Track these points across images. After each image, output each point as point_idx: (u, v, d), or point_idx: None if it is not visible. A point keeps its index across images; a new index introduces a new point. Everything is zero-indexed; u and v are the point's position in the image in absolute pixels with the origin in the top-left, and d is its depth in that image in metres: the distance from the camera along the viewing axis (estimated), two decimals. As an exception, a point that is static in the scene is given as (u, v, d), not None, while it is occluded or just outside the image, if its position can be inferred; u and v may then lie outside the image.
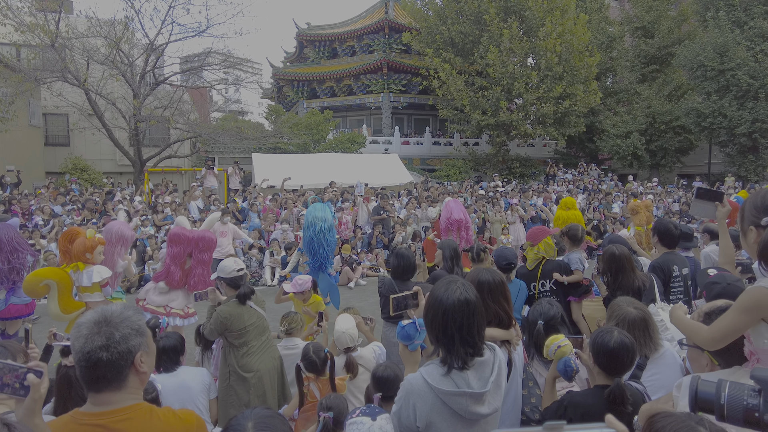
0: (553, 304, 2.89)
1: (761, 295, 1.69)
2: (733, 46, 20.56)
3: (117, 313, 1.45)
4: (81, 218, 11.32)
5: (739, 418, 0.98)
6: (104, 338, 1.40)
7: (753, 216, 1.79)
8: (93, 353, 1.38)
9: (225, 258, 9.25)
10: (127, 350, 1.43)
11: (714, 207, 2.70)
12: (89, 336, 1.40)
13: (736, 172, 21.27)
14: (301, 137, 22.30)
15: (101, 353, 1.39)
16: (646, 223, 7.29)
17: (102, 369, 1.40)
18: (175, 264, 5.14)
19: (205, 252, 5.24)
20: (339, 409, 2.42)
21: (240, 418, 1.36)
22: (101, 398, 1.43)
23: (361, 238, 11.98)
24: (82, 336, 1.40)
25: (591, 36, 23.80)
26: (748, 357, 1.79)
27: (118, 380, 1.43)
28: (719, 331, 1.78)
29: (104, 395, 1.43)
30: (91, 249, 4.66)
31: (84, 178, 19.88)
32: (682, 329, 1.95)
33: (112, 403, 1.43)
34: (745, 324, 1.73)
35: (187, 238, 5.17)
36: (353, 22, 31.07)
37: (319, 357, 3.10)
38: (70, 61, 15.74)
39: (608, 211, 14.64)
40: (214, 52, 19.64)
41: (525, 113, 22.89)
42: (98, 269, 4.70)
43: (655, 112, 24.10)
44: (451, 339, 1.73)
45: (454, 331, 1.72)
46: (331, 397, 2.49)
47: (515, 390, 2.56)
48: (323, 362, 3.10)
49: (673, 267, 3.84)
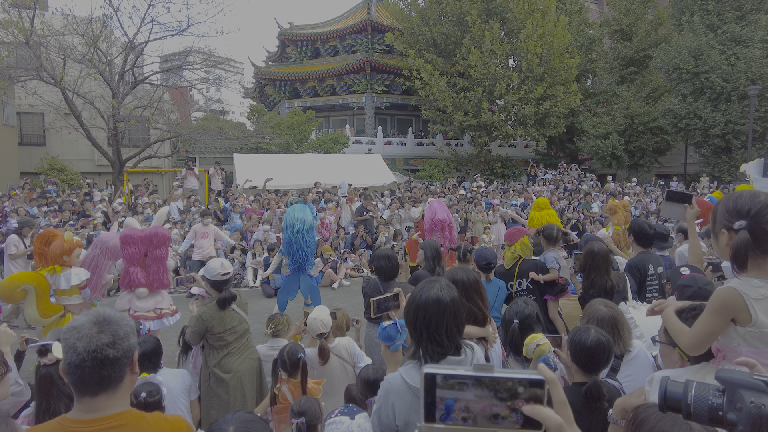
0: (528, 303, 2.94)
1: (730, 295, 1.74)
2: (707, 49, 21.10)
3: (112, 313, 1.45)
4: (58, 220, 11.09)
5: (705, 416, 1.02)
6: (110, 336, 1.38)
7: (725, 219, 1.80)
8: (100, 351, 1.36)
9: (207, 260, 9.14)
10: (129, 348, 1.43)
11: (683, 209, 2.84)
12: (93, 335, 1.37)
13: (710, 172, 21.83)
14: (284, 137, 22.16)
15: (108, 351, 1.37)
16: (624, 223, 7.42)
17: (108, 368, 1.37)
18: (133, 265, 5.09)
19: (159, 248, 5.19)
20: (312, 414, 2.42)
21: (221, 423, 1.36)
22: (95, 403, 1.39)
23: (344, 239, 11.97)
24: (84, 336, 1.36)
25: (571, 38, 24.18)
26: (715, 354, 1.85)
27: (118, 380, 1.41)
28: (696, 336, 1.81)
29: (100, 399, 1.39)
30: (69, 252, 4.59)
31: (61, 179, 19.46)
32: (670, 328, 1.97)
33: (103, 409, 1.39)
34: (719, 325, 1.77)
35: (139, 237, 5.11)
36: (336, 22, 31.01)
37: (291, 359, 3.09)
38: (46, 59, 15.38)
39: (588, 210, 14.89)
40: (195, 51, 19.39)
41: (506, 114, 23.14)
42: (76, 271, 4.63)
43: (634, 113, 24.59)
44: (419, 335, 1.75)
45: (422, 328, 1.74)
46: (302, 402, 2.48)
47: None
48: (293, 364, 3.08)
49: (649, 266, 3.94)
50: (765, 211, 1.70)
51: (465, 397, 0.84)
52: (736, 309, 1.74)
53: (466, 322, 2.47)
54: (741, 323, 1.74)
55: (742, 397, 0.98)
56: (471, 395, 0.84)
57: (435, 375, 0.85)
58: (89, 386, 1.37)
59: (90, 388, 1.37)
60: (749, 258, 1.73)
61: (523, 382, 0.83)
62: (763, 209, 1.70)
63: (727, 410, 0.99)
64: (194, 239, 9.32)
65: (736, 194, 1.81)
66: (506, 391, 0.83)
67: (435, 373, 0.85)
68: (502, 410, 0.84)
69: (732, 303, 1.74)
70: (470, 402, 0.84)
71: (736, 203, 1.78)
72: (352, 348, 3.59)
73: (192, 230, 9.48)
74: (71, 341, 1.36)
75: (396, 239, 11.44)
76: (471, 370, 0.84)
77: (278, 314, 4.03)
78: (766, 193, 1.77)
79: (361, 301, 4.33)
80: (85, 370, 1.35)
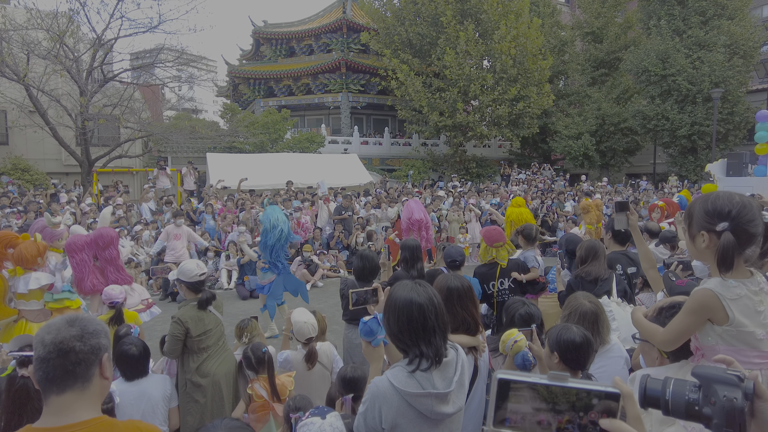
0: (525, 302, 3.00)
1: (706, 296, 1.78)
2: (674, 53, 21.75)
3: (85, 315, 1.48)
4: (22, 221, 10.68)
5: (682, 411, 1.05)
6: (78, 329, 1.41)
7: (705, 221, 1.79)
8: (66, 342, 1.37)
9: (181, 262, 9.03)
10: (98, 345, 1.43)
11: (626, 217, 2.96)
12: (62, 329, 1.39)
13: (678, 172, 22.50)
14: (258, 136, 21.89)
15: (75, 342, 1.38)
16: (597, 222, 7.59)
17: (72, 360, 1.37)
18: (81, 272, 5.00)
19: (107, 249, 5.09)
20: (308, 409, 2.40)
21: (210, 428, 1.37)
22: (62, 401, 1.37)
23: (320, 239, 11.90)
24: (53, 330, 1.39)
25: (544, 40, 24.58)
26: (694, 352, 1.91)
27: (84, 378, 1.40)
28: (672, 333, 1.87)
29: (67, 396, 1.37)
30: (43, 254, 4.44)
31: (25, 179, 18.77)
32: (641, 331, 2.03)
33: (72, 413, 1.37)
34: (694, 324, 1.82)
35: (84, 242, 5.02)
36: (311, 21, 30.79)
37: (255, 355, 3.06)
38: (8, 55, 14.82)
39: (561, 209, 15.16)
40: (167, 48, 18.99)
41: (481, 115, 23.38)
42: (36, 276, 4.45)
43: (605, 114, 25.17)
44: (409, 338, 1.76)
45: (410, 332, 1.75)
46: (297, 398, 2.47)
47: (480, 395, 2.60)
48: (259, 360, 3.06)
49: (617, 265, 4.03)
50: (744, 211, 1.73)
51: (535, 405, 0.83)
52: (712, 309, 1.78)
53: (459, 332, 2.48)
54: (718, 322, 1.79)
55: (716, 391, 1.01)
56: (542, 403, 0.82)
57: (509, 381, 0.84)
58: (54, 381, 1.36)
59: (55, 383, 1.36)
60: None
61: (600, 394, 0.82)
62: (742, 210, 1.73)
63: (703, 405, 1.02)
64: (167, 241, 9.12)
65: (712, 196, 1.82)
66: (580, 401, 0.82)
67: (509, 379, 0.84)
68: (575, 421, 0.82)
69: (708, 303, 1.78)
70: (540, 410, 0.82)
71: (716, 205, 1.77)
72: (332, 353, 3.55)
73: (164, 231, 9.28)
74: (41, 336, 1.39)
75: (371, 239, 11.42)
76: (547, 378, 0.83)
77: (246, 320, 3.96)
78: (739, 193, 1.81)
79: (338, 302, 4.29)
80: (50, 362, 1.35)
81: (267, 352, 3.09)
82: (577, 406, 0.82)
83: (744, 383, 1.02)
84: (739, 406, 0.98)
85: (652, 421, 1.67)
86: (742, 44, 21.65)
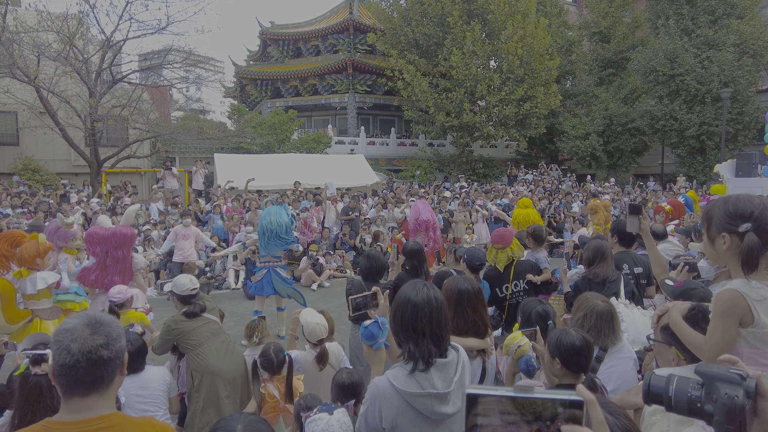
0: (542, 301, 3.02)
1: (733, 297, 1.76)
2: (682, 52, 21.60)
3: (102, 315, 1.48)
4: (33, 221, 10.79)
5: (684, 408, 1.07)
6: (104, 336, 1.41)
7: (726, 223, 1.78)
8: (94, 352, 1.38)
9: (186, 263, 9.01)
10: (121, 349, 1.46)
11: (638, 220, 2.94)
12: (86, 336, 1.39)
13: (686, 172, 22.34)
14: (265, 137, 21.97)
15: (103, 351, 1.40)
16: (605, 223, 7.56)
17: (102, 368, 1.40)
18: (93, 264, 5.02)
19: (120, 249, 5.06)
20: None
21: (230, 420, 1.40)
22: (85, 403, 1.40)
23: (328, 239, 11.94)
24: (78, 338, 1.38)
25: (551, 40, 24.50)
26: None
27: (110, 381, 1.43)
28: (717, 346, 1.77)
29: (90, 399, 1.40)
30: (44, 254, 4.46)
31: (36, 179, 18.98)
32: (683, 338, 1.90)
33: (91, 410, 1.40)
34: (732, 328, 1.76)
35: (102, 235, 5.01)
36: (317, 22, 30.88)
37: (278, 357, 3.11)
38: (19, 57, 14.98)
39: (568, 210, 15.10)
40: (175, 49, 19.10)
41: (487, 115, 23.34)
42: (42, 275, 4.48)
43: (612, 114, 25.03)
44: (407, 338, 1.79)
45: (411, 331, 1.78)
46: (308, 398, 2.49)
47: None
48: (280, 363, 3.10)
49: (623, 265, 4.02)
50: (766, 213, 1.73)
51: (503, 418, 0.84)
52: (741, 310, 1.76)
53: (469, 334, 2.49)
54: (744, 324, 1.77)
55: (718, 389, 1.03)
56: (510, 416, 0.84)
57: (477, 396, 0.84)
58: (81, 387, 1.39)
59: (81, 388, 1.39)
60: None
61: (564, 402, 0.84)
62: (764, 211, 1.73)
63: (705, 402, 1.04)
64: (175, 241, 9.19)
65: (732, 198, 1.81)
66: (546, 411, 0.84)
67: (477, 393, 0.85)
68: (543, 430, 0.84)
69: (736, 303, 1.76)
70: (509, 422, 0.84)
71: (737, 207, 1.77)
72: (340, 354, 3.57)
73: (172, 232, 9.34)
74: (65, 343, 1.38)
75: (378, 240, 11.44)
76: (512, 390, 0.84)
77: (254, 321, 4.00)
78: (758, 195, 1.81)
79: (344, 302, 4.31)
80: (79, 371, 1.37)
81: (288, 355, 3.13)
82: (543, 416, 0.83)
83: (746, 382, 1.03)
84: (740, 404, 1.00)
85: (669, 421, 1.64)
86: (752, 43, 21.46)
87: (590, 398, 0.88)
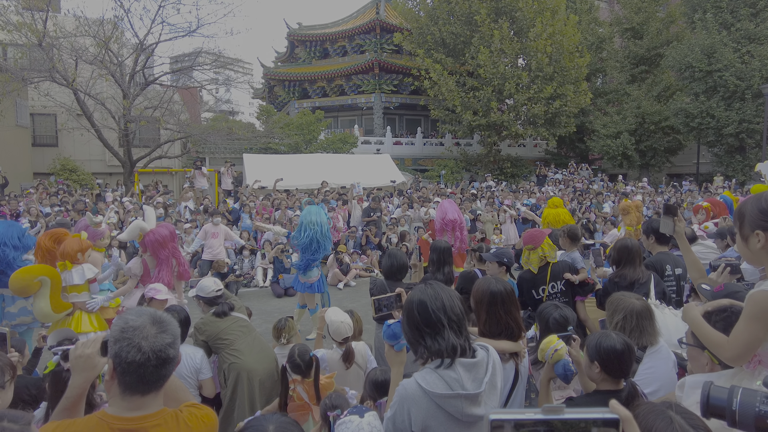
0: (559, 306, 2.92)
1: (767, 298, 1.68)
2: (721, 47, 20.81)
3: (163, 314, 1.50)
4: (69, 220, 11.17)
5: (751, 424, 0.98)
6: (171, 335, 1.44)
7: (761, 220, 1.71)
8: (164, 350, 1.41)
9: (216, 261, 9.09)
10: (179, 348, 1.49)
11: (672, 221, 2.81)
12: (155, 335, 1.41)
13: (724, 171, 21.53)
14: (293, 137, 22.21)
15: (170, 350, 1.43)
16: (637, 224, 7.34)
17: (167, 367, 1.43)
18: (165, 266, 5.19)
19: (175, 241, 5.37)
20: (345, 407, 2.41)
21: (262, 420, 1.41)
22: (143, 401, 1.42)
23: (354, 238, 11.97)
24: (148, 336, 1.40)
25: (581, 37, 23.98)
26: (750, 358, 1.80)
27: (167, 379, 1.47)
28: (740, 347, 1.70)
29: (149, 397, 1.43)
30: (84, 250, 4.64)
31: (73, 179, 19.67)
32: (702, 338, 1.84)
33: (147, 407, 1.43)
34: (762, 331, 1.68)
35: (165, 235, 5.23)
36: (344, 23, 31.03)
37: (304, 360, 3.11)
38: (58, 61, 15.54)
39: (599, 210, 14.75)
40: (205, 52, 19.50)
41: (516, 114, 23.01)
42: (88, 266, 4.67)
43: (645, 112, 24.33)
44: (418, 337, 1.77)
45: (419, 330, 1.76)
46: (333, 396, 2.48)
47: (519, 401, 2.54)
48: (308, 365, 3.10)
49: (666, 266, 3.87)
50: None
51: None
52: None
53: (502, 337, 2.43)
54: None
55: None
56: None
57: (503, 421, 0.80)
58: (146, 384, 1.41)
59: (146, 386, 1.41)
60: None
61: (597, 422, 0.79)
62: None
63: None
64: (204, 239, 9.36)
65: (765, 194, 1.74)
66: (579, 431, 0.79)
67: (502, 419, 0.80)
68: None
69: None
70: None
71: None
72: (366, 353, 3.55)
73: (202, 230, 9.51)
74: (135, 340, 1.38)
75: (404, 240, 11.40)
76: (541, 413, 0.80)
77: (283, 321, 4.01)
78: None
79: (369, 301, 4.29)
80: (149, 369, 1.39)
81: (314, 356, 3.14)
82: None
83: None
84: None
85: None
86: (796, 37, 20.55)
87: (626, 415, 0.82)
